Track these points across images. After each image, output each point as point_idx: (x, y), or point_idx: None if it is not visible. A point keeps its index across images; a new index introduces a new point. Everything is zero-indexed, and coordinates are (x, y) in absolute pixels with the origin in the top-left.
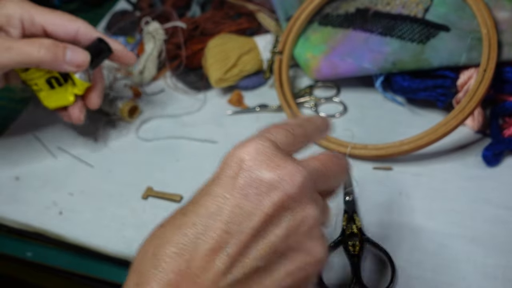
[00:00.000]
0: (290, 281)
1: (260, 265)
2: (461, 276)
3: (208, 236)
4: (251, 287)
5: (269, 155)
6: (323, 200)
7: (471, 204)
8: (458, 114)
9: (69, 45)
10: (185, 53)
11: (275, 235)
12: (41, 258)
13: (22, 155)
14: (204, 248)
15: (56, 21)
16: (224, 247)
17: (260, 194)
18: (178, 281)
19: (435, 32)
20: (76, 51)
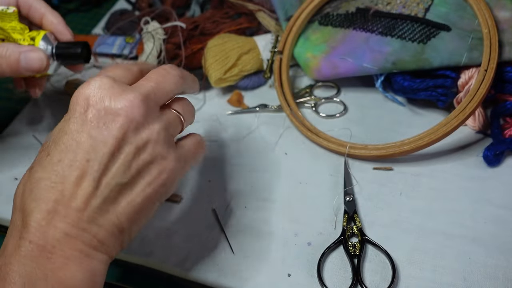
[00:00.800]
0: (151, 190)
1: (122, 181)
2: (461, 276)
3: (73, 167)
4: (120, 201)
5: (109, 88)
6: (171, 109)
7: (472, 204)
8: (459, 114)
9: (23, 50)
10: (184, 53)
11: (128, 153)
12: None
13: (20, 155)
14: (72, 177)
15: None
16: (88, 172)
17: (108, 122)
18: (55, 208)
19: (435, 32)
20: (29, 56)
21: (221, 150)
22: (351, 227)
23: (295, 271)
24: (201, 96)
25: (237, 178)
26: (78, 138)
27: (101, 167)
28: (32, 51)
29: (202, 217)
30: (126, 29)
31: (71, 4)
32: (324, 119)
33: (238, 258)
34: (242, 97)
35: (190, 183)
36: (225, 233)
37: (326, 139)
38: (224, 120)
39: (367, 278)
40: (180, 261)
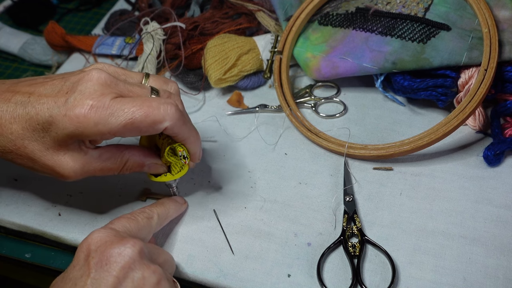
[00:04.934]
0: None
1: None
2: (462, 276)
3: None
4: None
5: (109, 238)
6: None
7: (472, 204)
8: (459, 114)
9: (146, 163)
10: (184, 53)
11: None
12: (39, 260)
13: None
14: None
15: (140, 130)
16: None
17: (107, 264)
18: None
19: (435, 31)
20: (153, 168)
21: (221, 150)
22: (351, 227)
23: (295, 271)
24: (201, 96)
25: (237, 178)
26: (82, 283)
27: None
28: (156, 166)
29: (202, 217)
30: (125, 30)
31: (71, 4)
32: (324, 119)
33: (238, 258)
34: (242, 97)
35: (190, 183)
36: (225, 233)
37: (326, 139)
38: (224, 120)
39: (367, 278)
40: (180, 261)
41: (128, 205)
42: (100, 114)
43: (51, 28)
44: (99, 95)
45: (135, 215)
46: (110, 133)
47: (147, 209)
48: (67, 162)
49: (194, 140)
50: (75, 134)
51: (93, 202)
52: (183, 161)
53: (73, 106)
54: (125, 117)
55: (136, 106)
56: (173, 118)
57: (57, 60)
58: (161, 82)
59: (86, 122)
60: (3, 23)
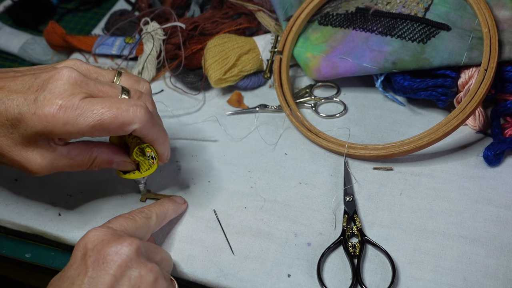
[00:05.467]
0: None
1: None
2: (462, 276)
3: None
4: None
5: (106, 236)
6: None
7: (472, 204)
8: (459, 114)
9: (114, 160)
10: (184, 53)
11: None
12: (39, 260)
13: None
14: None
15: (109, 131)
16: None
17: (104, 263)
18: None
19: (435, 31)
20: (122, 165)
21: (221, 150)
22: (351, 227)
23: (295, 271)
24: (201, 96)
25: (237, 178)
26: (79, 282)
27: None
28: (125, 164)
29: (202, 217)
30: (125, 30)
31: (71, 4)
32: (324, 119)
33: (238, 258)
34: (242, 97)
35: (190, 183)
36: (225, 233)
37: (326, 139)
38: (224, 120)
39: (367, 278)
40: (180, 261)
41: (128, 205)
42: (69, 115)
43: (51, 28)
44: (68, 95)
45: (133, 214)
46: (79, 133)
47: (146, 209)
48: (35, 158)
49: (163, 141)
50: (44, 132)
51: (93, 202)
52: (151, 161)
53: (42, 105)
54: (94, 118)
55: (105, 107)
56: (142, 121)
57: (57, 60)
58: (133, 81)
59: (54, 121)
60: (3, 23)
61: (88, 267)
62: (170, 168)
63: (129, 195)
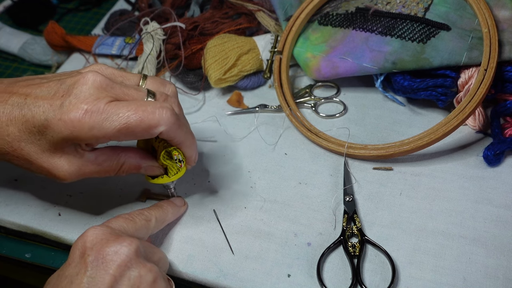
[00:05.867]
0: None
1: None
2: (461, 276)
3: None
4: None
5: (105, 235)
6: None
7: (472, 204)
8: (459, 114)
9: (142, 165)
10: (184, 53)
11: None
12: (40, 260)
13: None
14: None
15: (135, 135)
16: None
17: (104, 263)
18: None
19: (435, 31)
20: (149, 170)
21: (221, 150)
22: (351, 227)
23: (295, 271)
24: (201, 96)
25: (237, 178)
26: (78, 281)
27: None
28: (153, 168)
29: (202, 217)
30: (125, 30)
31: (71, 4)
32: (324, 119)
33: (238, 258)
34: (242, 97)
35: (190, 183)
36: (225, 233)
37: (325, 139)
38: (224, 120)
39: (367, 278)
40: (180, 261)
41: (128, 205)
42: (95, 119)
43: (51, 28)
44: (94, 99)
45: (133, 216)
46: (105, 137)
47: (146, 211)
48: (63, 164)
49: (190, 144)
50: (70, 138)
51: (93, 202)
52: (179, 165)
53: (68, 110)
54: (120, 122)
55: (131, 110)
56: (168, 123)
57: (57, 60)
58: (159, 84)
59: (80, 126)
60: (3, 23)
61: (87, 266)
62: None
63: (129, 195)
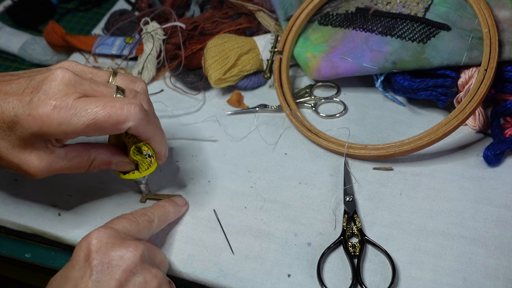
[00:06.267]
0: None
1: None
2: (462, 276)
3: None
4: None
5: (110, 239)
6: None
7: (472, 204)
8: (459, 114)
9: (113, 161)
10: (184, 53)
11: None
12: (39, 260)
13: None
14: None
15: (104, 130)
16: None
17: (109, 268)
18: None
19: (435, 31)
20: (120, 165)
21: (221, 150)
22: (351, 227)
23: (295, 271)
24: (201, 96)
25: (237, 178)
26: (83, 284)
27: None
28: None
29: (202, 217)
30: (125, 30)
31: (71, 4)
32: (324, 119)
33: (238, 258)
34: (242, 97)
35: (190, 183)
36: (225, 233)
37: (326, 139)
38: (224, 120)
39: (367, 278)
40: (180, 261)
41: (128, 205)
42: (63, 115)
43: (51, 28)
44: (62, 95)
45: (136, 216)
46: (74, 133)
47: (148, 212)
48: (33, 160)
49: (159, 139)
50: (39, 133)
51: (93, 202)
52: (149, 160)
53: (37, 106)
54: (88, 118)
55: (100, 106)
56: (137, 119)
57: (57, 60)
58: (128, 81)
59: (49, 122)
60: (3, 23)
61: (92, 270)
62: (170, 168)
63: (128, 195)
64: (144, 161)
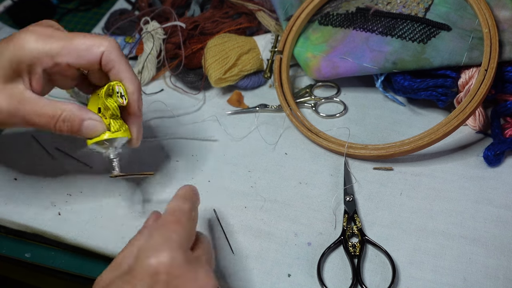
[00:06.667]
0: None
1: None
2: (462, 276)
3: None
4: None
5: (181, 267)
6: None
7: (473, 204)
8: (459, 114)
9: (85, 117)
10: (184, 52)
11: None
12: (39, 259)
13: (20, 156)
14: None
15: (79, 53)
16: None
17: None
18: None
19: (436, 32)
20: (92, 125)
21: (221, 149)
22: (351, 227)
23: (295, 271)
24: (201, 96)
25: (237, 178)
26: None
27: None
28: (96, 119)
29: (202, 217)
30: (125, 29)
31: (71, 4)
32: (324, 119)
33: (238, 258)
34: (242, 97)
35: (190, 183)
36: (225, 233)
37: (326, 139)
38: (224, 120)
39: (367, 278)
40: None
41: (128, 205)
42: (41, 39)
43: None
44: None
45: (187, 222)
46: (48, 55)
47: (186, 211)
48: (2, 100)
49: (133, 79)
50: (14, 60)
51: (93, 202)
52: (121, 101)
53: (17, 34)
54: (66, 40)
55: (77, 34)
56: (111, 45)
57: None
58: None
59: (25, 44)
60: (3, 23)
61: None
62: (170, 167)
63: (129, 196)
64: (117, 122)
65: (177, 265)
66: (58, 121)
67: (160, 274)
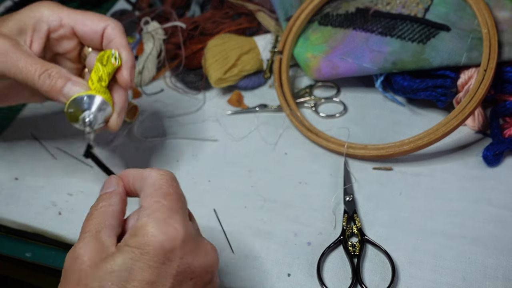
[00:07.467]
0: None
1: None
2: (461, 276)
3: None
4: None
5: (192, 241)
6: None
7: (472, 204)
8: (459, 114)
9: (72, 78)
10: (184, 53)
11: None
12: (40, 259)
13: (21, 155)
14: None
15: (85, 21)
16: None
17: (192, 279)
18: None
19: (435, 32)
20: (76, 84)
21: (221, 149)
22: (351, 227)
23: (295, 271)
24: (201, 96)
25: (237, 178)
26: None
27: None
28: (79, 81)
29: (202, 217)
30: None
31: (71, 4)
32: (324, 119)
33: (238, 258)
34: (242, 97)
35: (190, 183)
36: (225, 233)
37: (325, 139)
38: (224, 120)
39: (367, 278)
40: None
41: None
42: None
43: None
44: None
45: (176, 197)
46: (56, 14)
47: (174, 178)
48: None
49: (129, 52)
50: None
51: (93, 201)
52: (113, 62)
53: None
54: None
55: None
56: (114, 23)
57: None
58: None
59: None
60: None
61: (171, 278)
62: (170, 167)
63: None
64: (103, 91)
65: (190, 238)
66: (44, 73)
67: (175, 250)
